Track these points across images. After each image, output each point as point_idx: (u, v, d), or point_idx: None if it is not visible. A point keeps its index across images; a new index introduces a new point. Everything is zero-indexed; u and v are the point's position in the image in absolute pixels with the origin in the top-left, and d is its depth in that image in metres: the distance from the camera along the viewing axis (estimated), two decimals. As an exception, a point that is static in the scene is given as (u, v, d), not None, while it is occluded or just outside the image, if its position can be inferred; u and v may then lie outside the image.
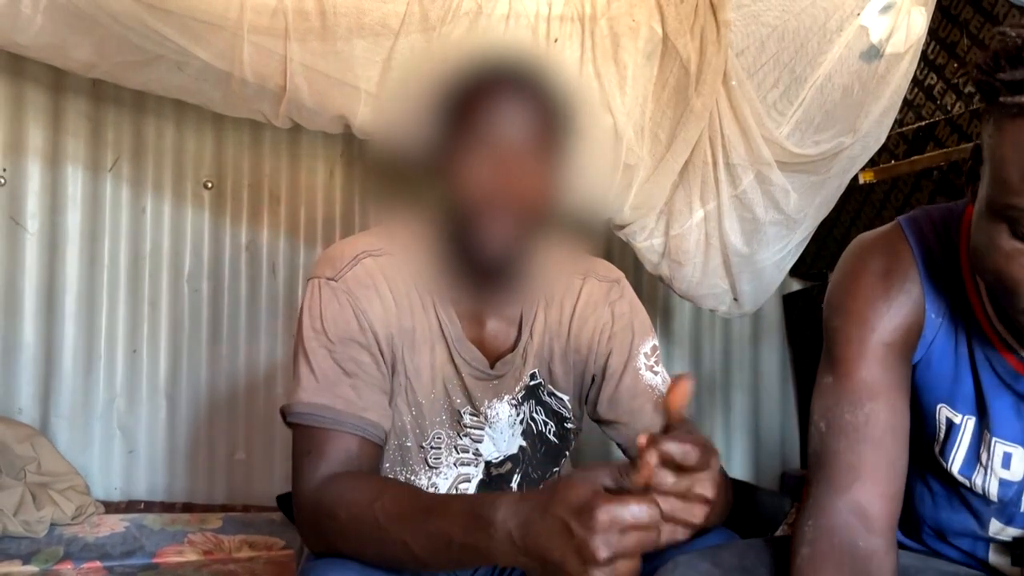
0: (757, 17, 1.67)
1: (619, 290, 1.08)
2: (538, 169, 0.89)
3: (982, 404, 0.87)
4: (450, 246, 0.95)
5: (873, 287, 0.87)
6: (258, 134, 2.46)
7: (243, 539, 2.07)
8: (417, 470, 1.01)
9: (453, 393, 1.00)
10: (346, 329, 0.91)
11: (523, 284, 1.01)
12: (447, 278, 0.97)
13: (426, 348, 0.97)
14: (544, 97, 0.91)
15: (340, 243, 0.99)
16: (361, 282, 0.93)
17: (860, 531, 0.81)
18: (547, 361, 1.04)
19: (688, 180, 1.81)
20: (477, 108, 0.88)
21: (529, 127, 0.88)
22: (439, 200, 0.91)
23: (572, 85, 1.11)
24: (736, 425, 3.02)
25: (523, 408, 1.04)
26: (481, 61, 0.94)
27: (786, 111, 1.74)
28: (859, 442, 0.83)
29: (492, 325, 1.01)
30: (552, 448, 1.07)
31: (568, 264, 1.07)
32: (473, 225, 0.89)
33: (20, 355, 2.26)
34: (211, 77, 1.59)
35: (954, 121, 2.26)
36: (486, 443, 1.02)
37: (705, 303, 2.16)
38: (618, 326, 1.05)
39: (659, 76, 1.70)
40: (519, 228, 0.89)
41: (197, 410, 2.41)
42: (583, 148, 1.59)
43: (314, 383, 0.90)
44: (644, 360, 1.05)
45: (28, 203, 2.28)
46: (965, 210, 0.88)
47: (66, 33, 1.51)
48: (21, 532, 1.92)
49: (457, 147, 0.89)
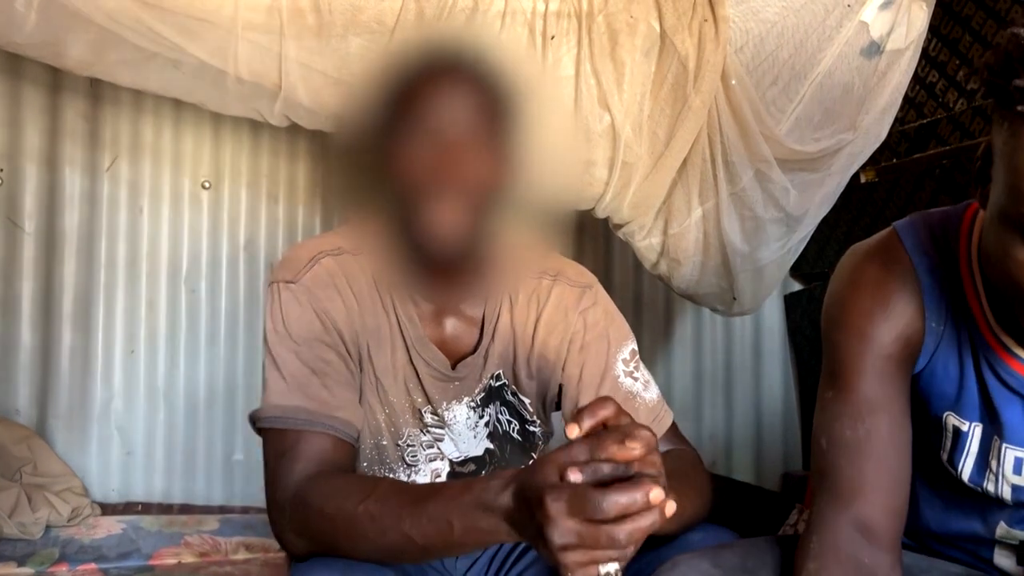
0: (756, 13, 1.66)
1: (592, 296, 1.04)
2: (479, 151, 0.87)
3: (990, 411, 0.85)
4: (403, 239, 0.94)
5: (870, 299, 0.85)
6: (256, 134, 2.45)
7: (240, 541, 2.06)
8: (395, 468, 1.00)
9: (414, 393, 0.99)
10: (309, 329, 0.91)
11: (482, 279, 0.99)
12: (404, 274, 0.96)
13: (388, 347, 0.96)
14: (482, 79, 0.89)
15: (298, 245, 0.99)
16: (321, 282, 0.93)
17: (865, 547, 0.80)
18: (511, 363, 1.02)
19: (687, 178, 1.80)
20: (414, 93, 0.87)
21: (466, 108, 0.87)
22: (388, 191, 0.90)
23: (520, 69, 1.09)
24: (737, 425, 3.00)
25: (487, 410, 1.03)
26: (418, 48, 0.93)
27: (786, 108, 1.73)
28: (860, 457, 0.82)
29: (453, 325, 1.00)
30: (517, 446, 1.06)
31: (534, 263, 1.04)
32: (419, 211, 0.88)
33: (17, 356, 2.25)
34: (206, 75, 1.58)
35: (956, 118, 2.25)
36: (447, 443, 1.01)
37: (705, 302, 2.15)
38: (591, 335, 1.02)
39: (657, 73, 1.69)
40: (466, 212, 0.88)
41: (195, 411, 2.41)
42: (542, 139, 1.58)
43: (283, 386, 0.89)
44: (623, 367, 1.02)
45: (25, 203, 2.27)
46: (964, 215, 0.86)
47: (61, 31, 1.50)
48: (16, 534, 1.91)
49: (399, 134, 0.88)
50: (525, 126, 0.93)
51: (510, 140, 0.91)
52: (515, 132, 0.92)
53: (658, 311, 2.91)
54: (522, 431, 1.05)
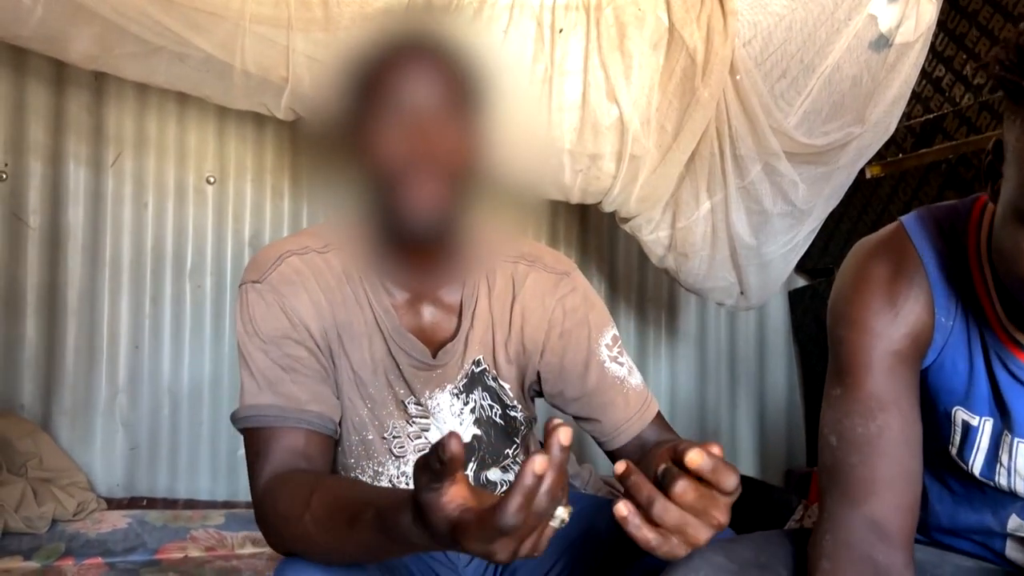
0: (765, 6, 1.65)
1: (569, 283, 1.03)
2: (449, 128, 0.87)
3: (1000, 405, 0.85)
4: (379, 223, 0.94)
5: (878, 294, 0.85)
6: (260, 128, 2.45)
7: (246, 535, 2.06)
8: (384, 461, 1.01)
9: (395, 384, 0.99)
10: (276, 327, 0.92)
11: (458, 262, 0.99)
12: (380, 262, 0.96)
13: (365, 341, 0.96)
14: (447, 60, 0.89)
15: (266, 247, 0.99)
16: (286, 279, 0.93)
17: (878, 546, 0.80)
18: (491, 348, 1.01)
19: (695, 171, 1.80)
20: (380, 76, 0.87)
21: (434, 85, 0.87)
22: (362, 176, 0.90)
23: (486, 52, 1.08)
24: (742, 421, 3.00)
25: (472, 396, 1.02)
26: (383, 32, 0.93)
27: (794, 101, 1.72)
28: (872, 455, 0.82)
29: (431, 313, 0.99)
30: (500, 430, 1.06)
31: (510, 247, 1.03)
32: (391, 194, 0.87)
33: (22, 351, 2.25)
34: (213, 69, 1.58)
35: (963, 113, 2.24)
36: (433, 431, 1.02)
37: (712, 296, 2.15)
38: (571, 323, 1.01)
39: (665, 66, 1.69)
40: (438, 192, 0.87)
41: (199, 406, 2.41)
42: (511, 123, 1.57)
43: (255, 385, 0.90)
44: (607, 352, 1.02)
45: (30, 199, 2.27)
46: (973, 208, 0.86)
47: (66, 24, 1.49)
48: (22, 528, 1.91)
49: (369, 117, 0.87)
50: (493, 105, 0.92)
51: (479, 118, 0.90)
52: (483, 112, 0.91)
53: (662, 306, 2.91)
54: (504, 416, 1.05)
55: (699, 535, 0.63)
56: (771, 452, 3.02)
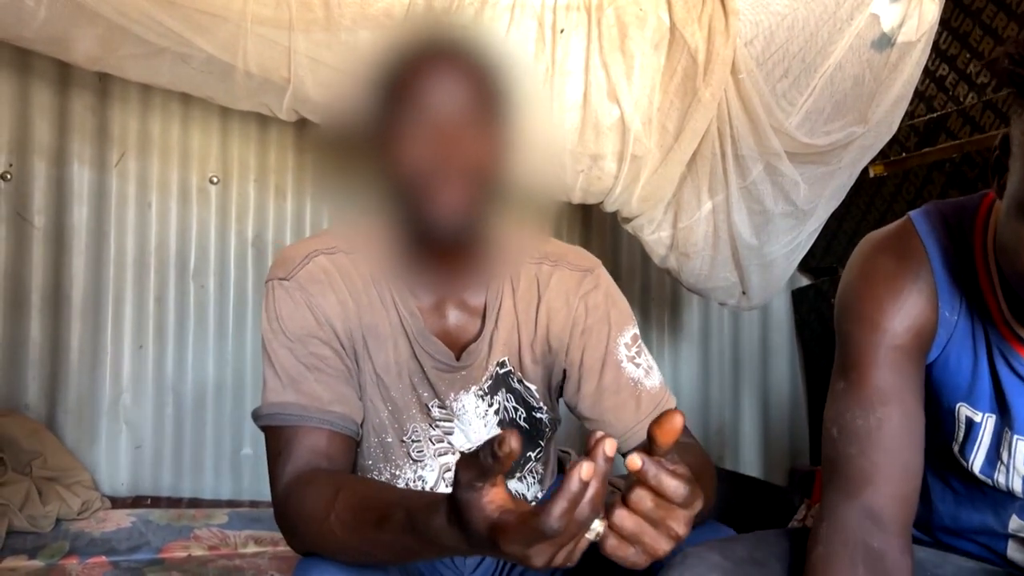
0: (766, 6, 1.65)
1: (592, 280, 1.03)
2: (474, 135, 0.87)
3: (1002, 402, 0.85)
4: (404, 227, 0.94)
5: (883, 288, 0.85)
6: (264, 128, 2.45)
7: (249, 535, 2.07)
8: (401, 464, 1.01)
9: (419, 387, 0.99)
10: (303, 325, 0.91)
11: (483, 265, 0.99)
12: (404, 266, 0.96)
13: (390, 344, 0.96)
14: (473, 65, 0.89)
15: (293, 244, 0.99)
16: (314, 278, 0.93)
17: (874, 532, 0.80)
18: (516, 349, 1.01)
19: (696, 171, 1.80)
20: (407, 82, 0.87)
21: (460, 94, 0.87)
22: (386, 181, 0.90)
23: (509, 55, 1.08)
24: (745, 420, 3.00)
25: (496, 398, 1.02)
26: (409, 36, 0.93)
27: (796, 101, 1.72)
28: (871, 447, 0.82)
29: (455, 316, 0.99)
30: (525, 435, 1.05)
31: (534, 248, 1.03)
32: (420, 200, 0.87)
33: (26, 351, 2.26)
34: (215, 70, 1.58)
35: (967, 112, 2.23)
36: (457, 435, 1.01)
37: (714, 296, 2.14)
38: (592, 319, 1.00)
39: (667, 66, 1.68)
40: (466, 198, 0.87)
41: (203, 406, 2.42)
42: (533, 127, 1.56)
43: (278, 383, 0.90)
44: (625, 351, 1.01)
45: (34, 199, 2.28)
46: (980, 205, 0.86)
47: (70, 25, 1.50)
48: (27, 527, 1.92)
49: (395, 122, 0.87)
50: (519, 110, 0.92)
51: (506, 123, 0.91)
52: (509, 116, 0.91)
53: (666, 306, 2.91)
54: (529, 419, 1.04)
55: (657, 546, 0.60)
56: (775, 451, 3.02)
